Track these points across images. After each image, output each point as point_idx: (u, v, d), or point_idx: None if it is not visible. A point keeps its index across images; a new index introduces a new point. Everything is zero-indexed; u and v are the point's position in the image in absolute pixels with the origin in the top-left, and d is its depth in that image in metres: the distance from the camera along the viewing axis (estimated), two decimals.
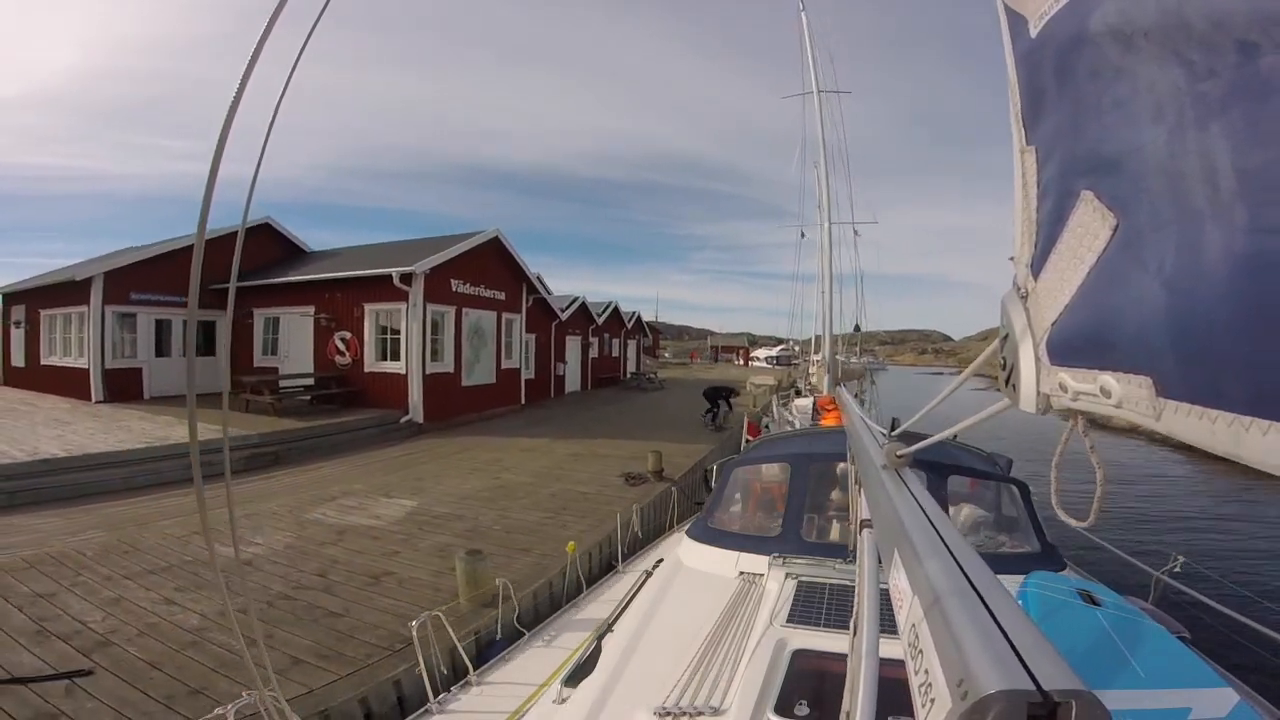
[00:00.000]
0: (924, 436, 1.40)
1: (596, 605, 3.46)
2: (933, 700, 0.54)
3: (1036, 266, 0.69)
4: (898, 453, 1.27)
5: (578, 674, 2.38)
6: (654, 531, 6.31)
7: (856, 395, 15.08)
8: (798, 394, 17.66)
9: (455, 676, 2.87)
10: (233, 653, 3.66)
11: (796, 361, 31.98)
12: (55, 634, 3.82)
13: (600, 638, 2.71)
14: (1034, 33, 0.66)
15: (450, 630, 3.08)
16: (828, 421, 8.29)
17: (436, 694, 2.63)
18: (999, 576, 0.69)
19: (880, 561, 0.99)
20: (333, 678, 3.44)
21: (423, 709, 2.53)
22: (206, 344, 15.28)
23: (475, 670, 2.78)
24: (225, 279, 13.49)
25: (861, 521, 1.28)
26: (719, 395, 14.38)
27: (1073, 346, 0.62)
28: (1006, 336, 0.76)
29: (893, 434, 1.60)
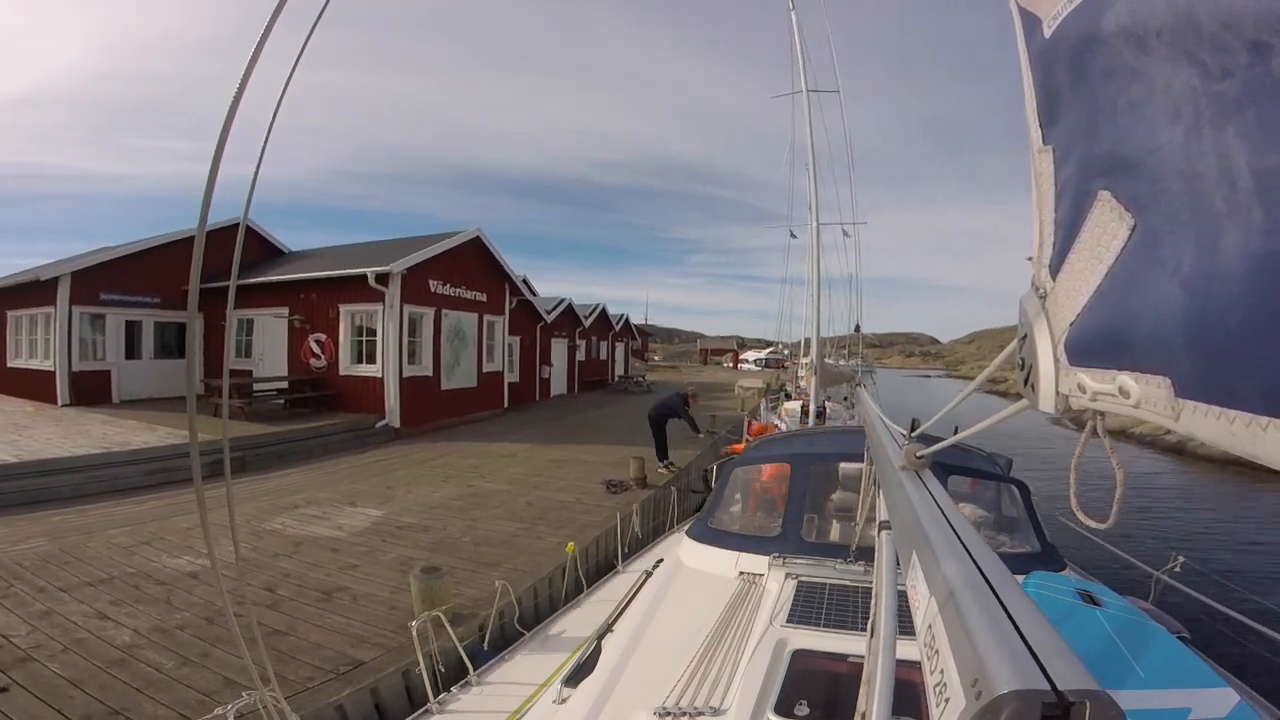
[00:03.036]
0: (941, 438, 1.39)
1: (596, 605, 3.44)
2: (948, 700, 0.54)
3: (1055, 266, 0.69)
4: (917, 454, 1.27)
5: (578, 674, 2.35)
6: (653, 532, 6.21)
7: (846, 398, 14.98)
8: (787, 397, 17.54)
9: (455, 677, 2.83)
10: (161, 672, 3.45)
11: (785, 365, 31.97)
12: None
13: (600, 638, 2.68)
14: (1048, 33, 0.65)
15: (450, 631, 3.03)
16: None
17: (436, 694, 2.61)
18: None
19: (899, 563, 1.00)
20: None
21: (423, 709, 2.51)
22: (180, 346, 14.89)
23: (475, 670, 2.76)
24: (206, 279, 13.12)
25: (880, 523, 1.28)
26: (669, 416, 9.50)
27: (1091, 347, 0.61)
28: (1025, 337, 0.75)
29: (912, 435, 1.57)
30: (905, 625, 0.81)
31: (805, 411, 11.89)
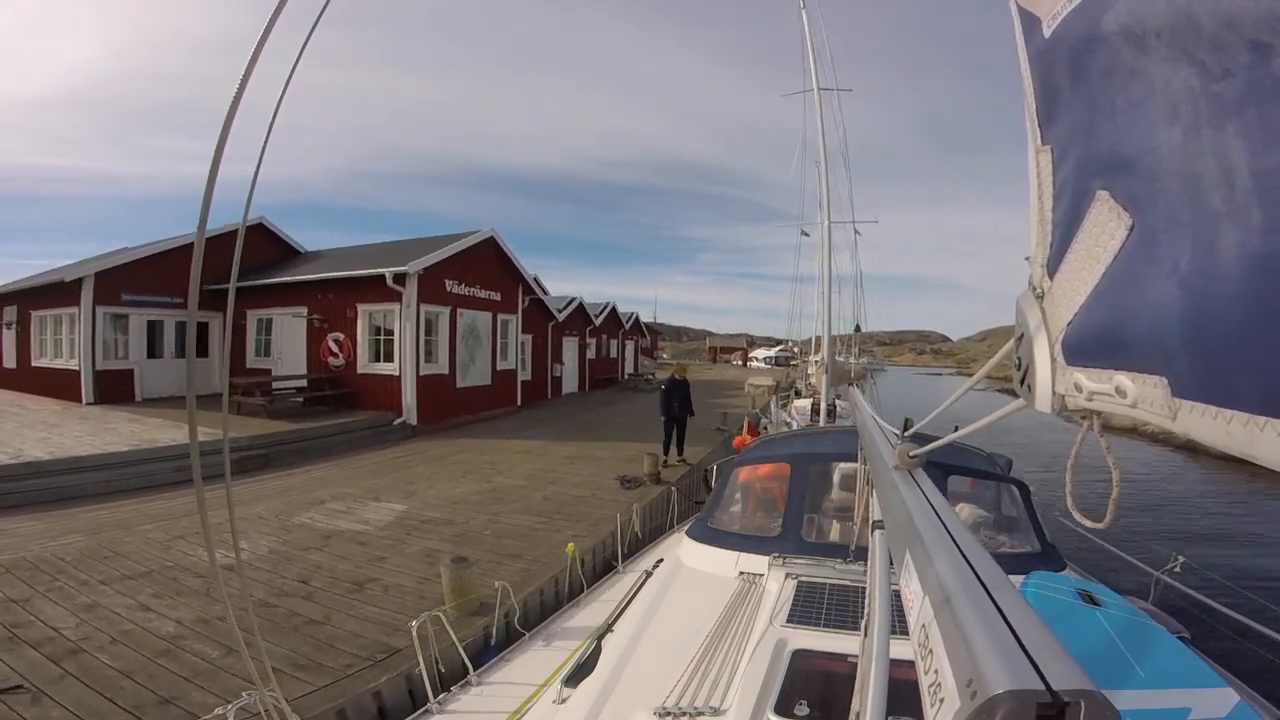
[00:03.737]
0: (935, 437, 1.39)
1: (596, 605, 3.45)
2: (942, 700, 0.54)
3: (1052, 266, 0.69)
4: (910, 453, 1.26)
5: (578, 674, 2.35)
6: (654, 532, 6.27)
7: (838, 396, 14.99)
8: (797, 395, 17.58)
9: (455, 677, 2.87)
10: (207, 661, 3.58)
11: (795, 362, 31.94)
12: (26, 641, 3.73)
13: (600, 638, 2.69)
14: (1047, 33, 0.65)
15: (450, 631, 3.07)
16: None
17: (436, 694, 2.62)
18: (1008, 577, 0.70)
19: (891, 562, 1.00)
20: (309, 688, 3.33)
21: (423, 709, 2.52)
22: (200, 345, 15.16)
23: (475, 670, 2.76)
24: (220, 279, 13.34)
25: (873, 522, 1.28)
26: (674, 399, 9.89)
27: (1088, 346, 0.61)
28: (1022, 336, 0.75)
29: (905, 434, 1.58)
30: (900, 625, 0.81)
31: (815, 409, 11.94)
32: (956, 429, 1.14)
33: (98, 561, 5.09)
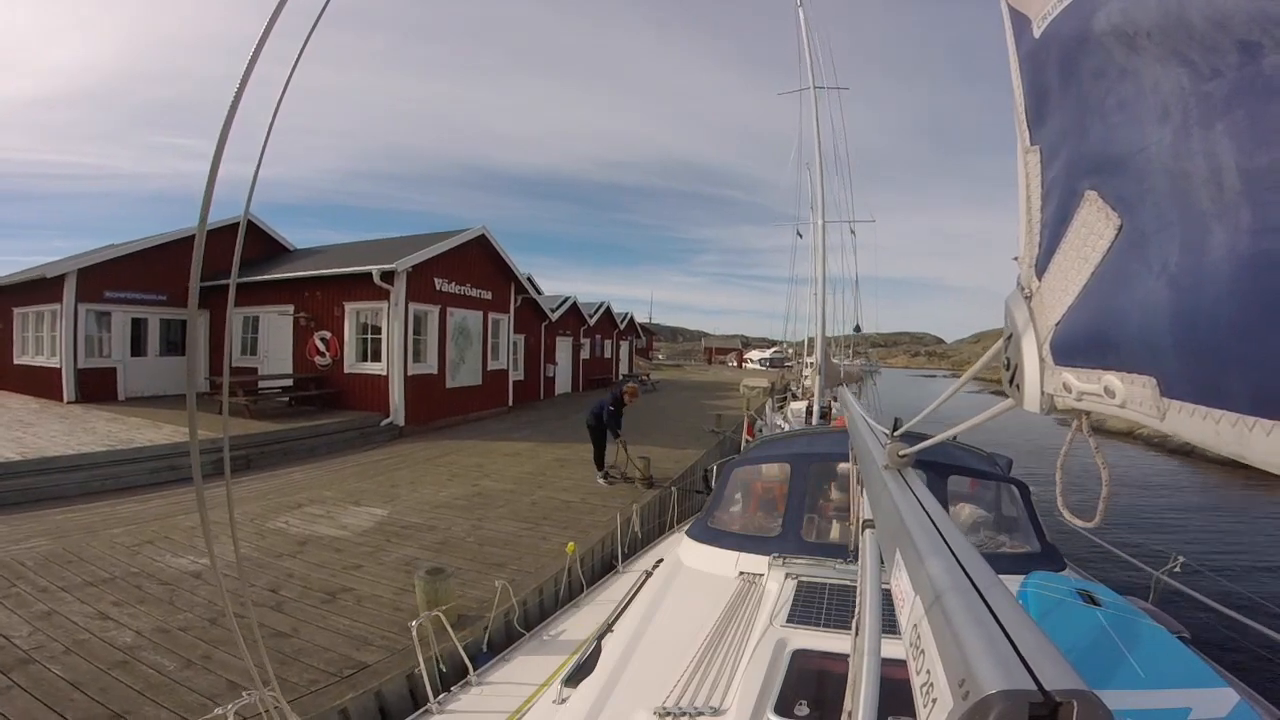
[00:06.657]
0: (926, 437, 1.37)
1: (596, 605, 3.46)
2: (934, 700, 0.54)
3: (1040, 266, 0.69)
4: (900, 453, 1.26)
5: (578, 674, 2.36)
6: (654, 532, 6.19)
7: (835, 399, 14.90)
8: (793, 397, 17.46)
9: (455, 677, 2.85)
10: (163, 674, 3.41)
11: (790, 364, 31.86)
12: None
13: (600, 638, 2.69)
14: (1037, 33, 0.65)
15: (450, 631, 3.04)
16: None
17: (436, 694, 2.62)
18: (999, 577, 0.69)
19: (882, 561, 1.00)
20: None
21: (423, 709, 2.52)
22: (185, 343, 14.92)
23: (475, 670, 2.77)
24: (210, 276, 13.10)
25: (864, 521, 1.27)
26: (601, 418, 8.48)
27: (1077, 346, 0.62)
28: (1010, 336, 0.75)
29: (895, 434, 1.56)
30: (893, 625, 0.81)
31: (811, 411, 11.81)
32: (957, 426, 1.13)
33: (60, 566, 4.89)
